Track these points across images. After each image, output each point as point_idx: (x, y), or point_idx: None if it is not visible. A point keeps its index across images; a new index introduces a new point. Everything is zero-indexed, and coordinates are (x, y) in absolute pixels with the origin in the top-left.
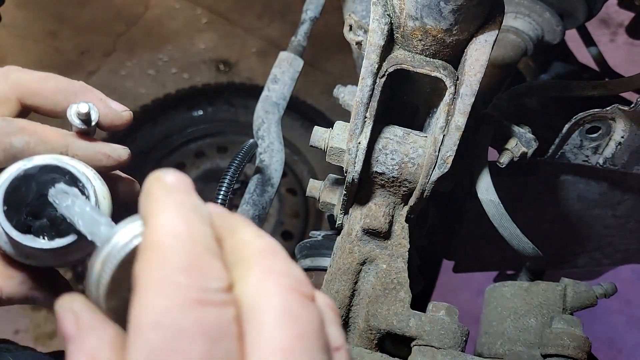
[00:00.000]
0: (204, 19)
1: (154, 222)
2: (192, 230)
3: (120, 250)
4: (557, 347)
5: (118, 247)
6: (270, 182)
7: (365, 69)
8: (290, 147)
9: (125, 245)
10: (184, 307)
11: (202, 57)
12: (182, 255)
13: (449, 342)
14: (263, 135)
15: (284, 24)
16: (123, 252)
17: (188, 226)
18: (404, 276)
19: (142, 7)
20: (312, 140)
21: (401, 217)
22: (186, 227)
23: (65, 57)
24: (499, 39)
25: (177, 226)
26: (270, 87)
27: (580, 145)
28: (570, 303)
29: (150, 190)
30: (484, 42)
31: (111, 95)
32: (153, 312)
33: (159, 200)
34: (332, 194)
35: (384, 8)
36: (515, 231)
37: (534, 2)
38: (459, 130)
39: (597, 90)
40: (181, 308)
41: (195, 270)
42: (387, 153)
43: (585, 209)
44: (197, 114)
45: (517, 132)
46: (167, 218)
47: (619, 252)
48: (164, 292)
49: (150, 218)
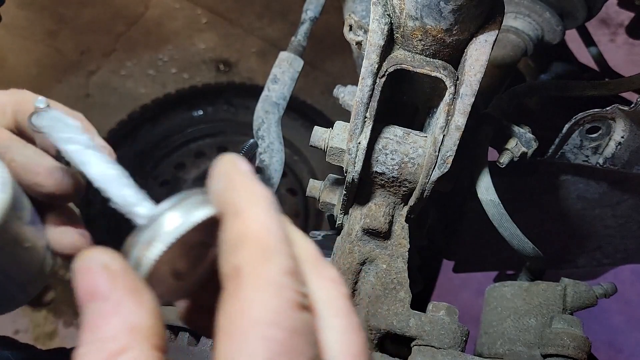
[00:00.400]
0: (204, 19)
1: (247, 214)
2: (282, 230)
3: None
4: (557, 347)
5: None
6: (270, 182)
7: (365, 69)
8: (290, 147)
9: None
10: (292, 308)
11: (202, 57)
12: (283, 256)
13: (449, 342)
14: (263, 135)
15: (284, 24)
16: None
17: (279, 225)
18: (404, 276)
19: (142, 7)
20: (312, 140)
21: (401, 217)
22: (278, 226)
23: (65, 57)
24: (499, 39)
25: (270, 224)
26: (270, 87)
27: (580, 145)
28: (570, 303)
29: (232, 176)
30: (484, 42)
31: (111, 95)
32: (267, 310)
33: (246, 190)
34: (332, 194)
35: (384, 8)
36: (515, 231)
37: (534, 2)
38: (459, 130)
39: (597, 90)
40: (291, 309)
41: (294, 274)
42: (387, 153)
43: (585, 209)
44: (197, 114)
45: (517, 132)
46: (260, 213)
47: (619, 252)
48: (275, 291)
49: (241, 208)
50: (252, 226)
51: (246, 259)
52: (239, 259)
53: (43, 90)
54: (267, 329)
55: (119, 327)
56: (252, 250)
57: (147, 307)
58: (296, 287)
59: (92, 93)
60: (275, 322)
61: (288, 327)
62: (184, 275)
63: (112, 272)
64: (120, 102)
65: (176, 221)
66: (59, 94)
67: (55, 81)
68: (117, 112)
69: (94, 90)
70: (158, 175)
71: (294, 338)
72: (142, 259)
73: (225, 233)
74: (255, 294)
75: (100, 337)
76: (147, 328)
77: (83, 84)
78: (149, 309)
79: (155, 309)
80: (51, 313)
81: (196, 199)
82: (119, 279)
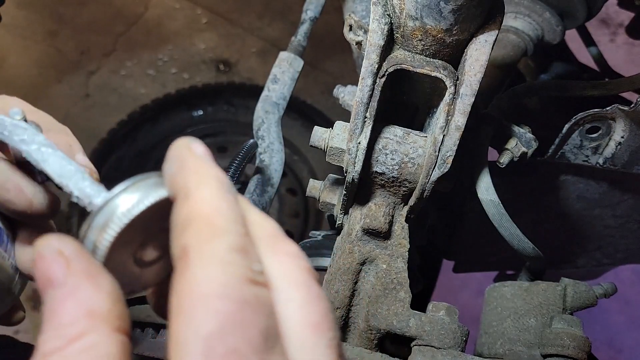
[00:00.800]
0: (204, 19)
1: (197, 195)
2: (233, 209)
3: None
4: (557, 347)
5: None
6: (270, 182)
7: (365, 69)
8: (290, 147)
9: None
10: (242, 283)
11: (202, 57)
12: (231, 234)
13: (449, 342)
14: (263, 135)
15: (284, 24)
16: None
17: (229, 205)
18: (404, 276)
19: (142, 7)
20: (312, 140)
21: (401, 217)
22: (228, 206)
23: (65, 57)
24: (499, 39)
25: (220, 204)
26: (270, 87)
27: (580, 145)
28: (570, 303)
29: (185, 159)
30: (484, 42)
31: (111, 95)
32: (217, 284)
33: (197, 172)
34: (332, 194)
35: (384, 8)
36: (515, 231)
37: (534, 2)
38: (459, 130)
39: (597, 90)
40: (241, 283)
41: (243, 251)
42: (387, 153)
43: (585, 209)
44: (197, 114)
45: (517, 132)
46: (210, 193)
47: (619, 252)
48: (223, 267)
49: (191, 190)
50: (201, 207)
51: (193, 238)
52: (186, 239)
53: (43, 90)
54: (214, 302)
55: (77, 312)
56: (199, 230)
57: (105, 290)
58: (246, 263)
59: (92, 93)
60: (224, 294)
61: (237, 299)
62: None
63: (67, 258)
64: (120, 102)
65: (130, 203)
66: (59, 94)
67: (55, 81)
68: (117, 112)
69: (94, 90)
70: None
71: (245, 310)
72: (98, 243)
73: (175, 216)
74: (203, 270)
75: (58, 323)
76: (107, 311)
77: (83, 84)
78: (108, 292)
79: (114, 292)
80: None
81: (151, 181)
82: (74, 264)
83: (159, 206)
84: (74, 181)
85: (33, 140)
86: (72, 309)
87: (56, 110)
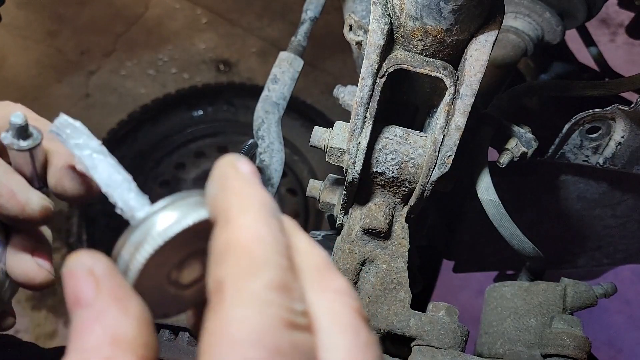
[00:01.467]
0: (204, 19)
1: (237, 221)
2: (277, 239)
3: (162, 234)
4: (557, 347)
5: (158, 230)
6: (270, 182)
7: (365, 69)
8: (290, 147)
9: (167, 230)
10: (279, 327)
11: (202, 57)
12: (271, 269)
13: (449, 342)
14: (263, 135)
15: (284, 24)
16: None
17: (273, 234)
18: (404, 276)
19: (142, 7)
20: (312, 140)
21: (401, 217)
22: (271, 235)
23: (65, 57)
24: (499, 39)
25: (263, 232)
26: (270, 87)
27: (580, 145)
28: (570, 303)
29: (228, 180)
30: (484, 42)
31: (111, 95)
32: (251, 329)
33: (240, 195)
34: (332, 194)
35: (384, 8)
36: (515, 231)
37: (534, 2)
38: (459, 130)
39: (597, 90)
40: (277, 328)
41: (284, 289)
42: (387, 153)
43: (585, 209)
44: (197, 114)
45: (517, 132)
46: (252, 220)
47: (619, 252)
48: (259, 308)
49: (231, 214)
50: (241, 235)
51: (230, 271)
52: (223, 272)
53: (43, 90)
54: (245, 349)
55: (102, 337)
56: (237, 262)
57: (133, 315)
58: (286, 303)
59: (92, 93)
60: (257, 341)
61: (272, 347)
62: (188, 284)
63: (97, 278)
64: (120, 102)
65: (168, 222)
66: (59, 94)
67: (55, 81)
68: (117, 112)
69: (94, 90)
70: (158, 175)
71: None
72: (131, 262)
73: (214, 242)
74: (237, 311)
75: (83, 346)
76: (133, 338)
77: (83, 84)
78: (136, 317)
79: (142, 318)
80: (51, 313)
81: (193, 200)
82: (104, 284)
83: (198, 227)
84: (119, 192)
85: (87, 145)
86: (97, 334)
87: (56, 110)
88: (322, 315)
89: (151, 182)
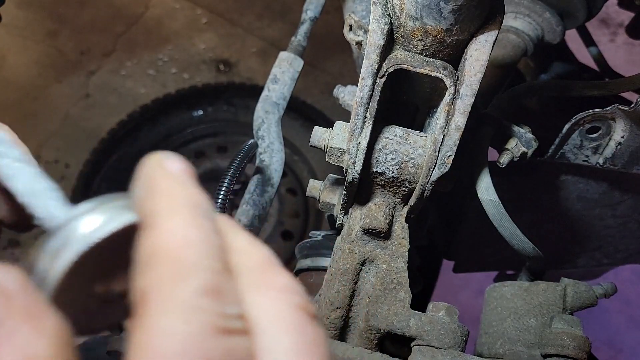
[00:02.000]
0: (204, 19)
1: (164, 225)
2: (208, 241)
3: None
4: (557, 347)
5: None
6: (270, 182)
7: (365, 69)
8: (290, 147)
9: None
10: (209, 335)
11: (202, 57)
12: (201, 273)
13: (449, 342)
14: (263, 135)
15: (284, 24)
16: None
17: (203, 236)
18: (404, 276)
19: (142, 7)
20: (312, 140)
21: (401, 217)
22: (202, 237)
23: (65, 57)
24: (499, 39)
25: (192, 235)
26: (270, 87)
27: (580, 145)
28: (570, 303)
29: (154, 180)
30: (484, 42)
31: (111, 95)
32: (176, 340)
33: (168, 196)
34: (332, 194)
35: (384, 8)
36: (515, 231)
37: (534, 2)
38: (459, 130)
39: (597, 90)
40: (207, 337)
41: (215, 293)
42: (387, 153)
43: (585, 209)
44: (197, 114)
45: (517, 132)
46: (180, 223)
47: (619, 252)
48: (186, 316)
49: (157, 218)
50: (167, 239)
51: (154, 279)
52: (148, 281)
53: (43, 90)
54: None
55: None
56: (162, 269)
57: (49, 334)
58: (218, 308)
59: (92, 93)
60: (184, 353)
61: (201, 358)
62: (115, 298)
63: (7, 293)
64: (120, 102)
65: (92, 226)
66: (59, 94)
67: (55, 81)
68: (117, 112)
69: (94, 90)
70: None
71: None
72: (49, 273)
73: (139, 248)
74: (162, 321)
75: None
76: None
77: (83, 84)
78: (51, 336)
79: (59, 336)
80: None
81: (120, 203)
82: (16, 301)
83: (126, 232)
84: (40, 200)
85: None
86: (8, 355)
87: (56, 110)
88: (263, 316)
89: None
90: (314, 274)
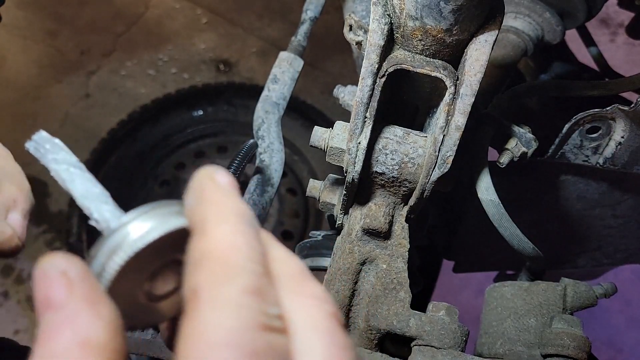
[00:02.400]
0: (204, 19)
1: (214, 231)
2: (252, 247)
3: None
4: (557, 347)
5: (134, 237)
6: (270, 182)
7: (365, 69)
8: (290, 147)
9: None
10: (254, 330)
11: (202, 57)
12: (246, 275)
13: (449, 342)
14: (263, 135)
15: (284, 24)
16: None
17: (248, 242)
18: (404, 276)
19: (142, 7)
20: (312, 140)
21: (401, 217)
22: (247, 243)
23: (65, 57)
24: (499, 39)
25: (239, 241)
26: (270, 87)
27: (580, 145)
28: (570, 303)
29: (205, 191)
30: (484, 42)
31: (111, 95)
32: (225, 332)
33: (217, 205)
34: (332, 194)
35: (384, 8)
36: (515, 231)
37: (534, 2)
38: (459, 130)
39: (597, 90)
40: (251, 331)
41: (258, 293)
42: (387, 153)
43: (585, 208)
44: (197, 114)
45: (517, 132)
46: (228, 230)
47: (619, 252)
48: (233, 312)
49: (207, 225)
50: (217, 244)
51: (205, 278)
52: (198, 279)
53: (43, 90)
54: (222, 351)
55: (72, 340)
56: (213, 269)
57: (106, 320)
58: (261, 307)
59: (92, 93)
60: (233, 343)
61: (248, 349)
62: (162, 296)
63: (70, 280)
64: (120, 102)
65: (144, 229)
66: (59, 94)
67: (55, 81)
68: (117, 112)
69: (94, 90)
70: (158, 175)
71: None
72: (105, 268)
73: (190, 251)
74: (213, 315)
75: (51, 349)
76: (103, 343)
77: (83, 84)
78: (108, 322)
79: (114, 323)
80: None
81: (170, 209)
82: (77, 287)
83: (175, 237)
84: (95, 204)
85: (65, 160)
86: (67, 337)
87: (56, 110)
88: (298, 320)
89: (151, 182)
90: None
